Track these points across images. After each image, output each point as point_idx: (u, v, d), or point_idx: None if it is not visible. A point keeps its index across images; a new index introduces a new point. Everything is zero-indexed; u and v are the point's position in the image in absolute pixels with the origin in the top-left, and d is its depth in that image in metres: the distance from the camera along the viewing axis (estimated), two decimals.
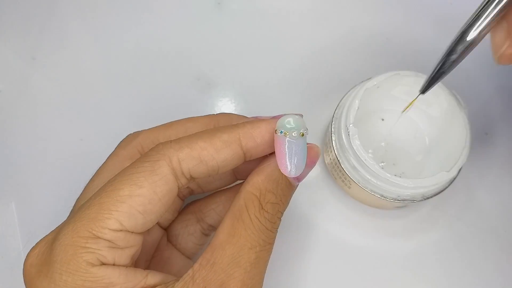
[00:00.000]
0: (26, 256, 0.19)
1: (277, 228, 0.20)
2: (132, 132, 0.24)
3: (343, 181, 0.28)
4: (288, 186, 0.20)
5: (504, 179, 0.31)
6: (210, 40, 0.35)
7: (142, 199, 0.18)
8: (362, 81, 0.27)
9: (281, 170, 0.19)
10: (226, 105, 0.33)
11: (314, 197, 0.30)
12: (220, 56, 0.34)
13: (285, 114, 0.20)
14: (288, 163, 0.19)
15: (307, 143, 0.20)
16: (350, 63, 0.33)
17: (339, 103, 0.27)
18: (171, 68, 0.34)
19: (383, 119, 0.30)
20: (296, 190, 0.21)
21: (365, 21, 0.35)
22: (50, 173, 0.31)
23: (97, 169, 0.23)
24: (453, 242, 0.29)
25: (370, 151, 0.29)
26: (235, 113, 0.32)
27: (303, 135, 0.19)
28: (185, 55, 0.34)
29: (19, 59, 0.35)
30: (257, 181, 0.20)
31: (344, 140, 0.25)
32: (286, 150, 0.19)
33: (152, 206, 0.18)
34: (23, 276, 0.19)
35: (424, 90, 0.23)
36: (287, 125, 0.19)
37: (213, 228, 0.25)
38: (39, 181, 0.31)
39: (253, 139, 0.20)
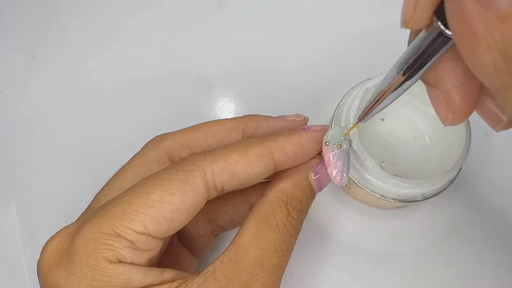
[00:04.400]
0: (45, 244, 0.19)
1: (298, 236, 0.20)
2: (159, 134, 0.23)
3: None
4: (312, 195, 0.21)
5: (504, 179, 0.31)
6: (210, 40, 0.35)
7: (171, 207, 0.18)
8: (362, 81, 0.27)
9: (333, 180, 0.20)
10: (226, 105, 0.33)
11: None
12: (220, 56, 0.34)
13: (331, 126, 0.21)
14: (340, 172, 0.20)
15: None
16: (350, 63, 0.33)
17: (339, 103, 0.27)
18: (171, 68, 0.34)
19: (383, 119, 0.30)
20: None
21: (365, 21, 0.35)
22: (50, 173, 0.31)
23: (121, 167, 0.23)
24: (453, 242, 0.29)
25: (370, 151, 0.29)
26: (235, 113, 0.33)
27: (350, 145, 0.20)
28: (185, 55, 0.34)
29: (19, 59, 0.35)
30: (285, 187, 0.20)
31: None
32: (340, 161, 0.20)
33: (178, 215, 0.18)
34: (40, 264, 0.18)
35: (361, 119, 0.20)
36: (338, 137, 0.20)
37: (224, 229, 0.25)
38: (39, 181, 0.31)
39: (285, 153, 0.20)
